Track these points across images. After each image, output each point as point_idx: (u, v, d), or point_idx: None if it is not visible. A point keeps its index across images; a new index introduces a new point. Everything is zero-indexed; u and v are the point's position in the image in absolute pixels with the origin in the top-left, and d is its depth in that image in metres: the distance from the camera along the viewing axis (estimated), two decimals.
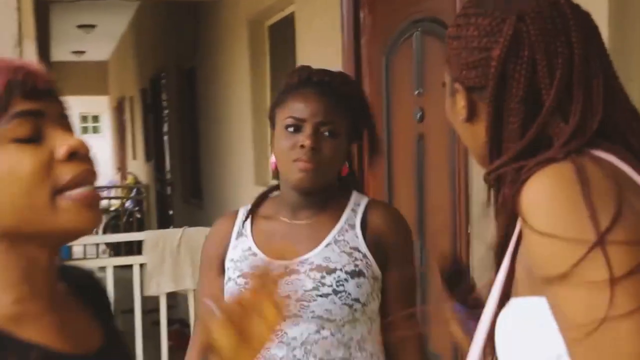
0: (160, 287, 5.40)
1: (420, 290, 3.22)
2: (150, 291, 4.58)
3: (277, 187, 1.95)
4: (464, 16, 1.18)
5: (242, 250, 1.87)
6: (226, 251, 1.90)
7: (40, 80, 1.01)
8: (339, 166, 1.86)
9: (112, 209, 11.52)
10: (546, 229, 1.00)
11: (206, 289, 1.93)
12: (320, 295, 1.76)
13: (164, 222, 9.78)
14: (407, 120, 3.27)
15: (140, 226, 10.15)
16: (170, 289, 4.59)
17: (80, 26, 11.07)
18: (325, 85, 1.85)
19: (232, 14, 5.88)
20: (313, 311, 1.76)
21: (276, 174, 1.95)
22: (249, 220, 1.91)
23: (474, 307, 1.35)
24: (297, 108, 1.82)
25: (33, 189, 0.97)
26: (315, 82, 1.85)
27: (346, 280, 1.77)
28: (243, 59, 5.57)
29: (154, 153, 10.84)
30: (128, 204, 11.37)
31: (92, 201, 1.00)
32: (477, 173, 2.71)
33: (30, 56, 2.53)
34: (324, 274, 1.77)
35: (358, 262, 1.80)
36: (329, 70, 1.91)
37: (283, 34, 5.03)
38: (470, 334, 1.27)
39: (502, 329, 1.12)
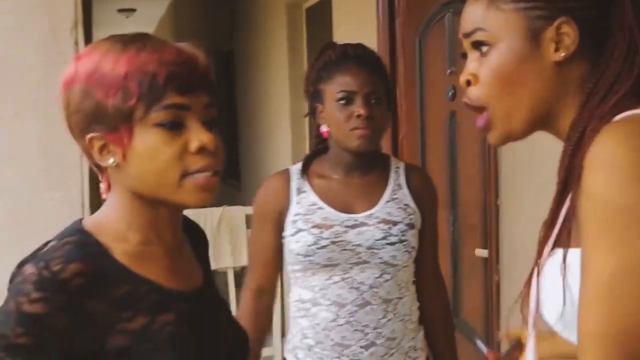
0: (217, 262, 5.52)
1: (452, 260, 3.36)
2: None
3: (321, 150, 2.18)
4: None
5: (308, 205, 2.11)
6: (285, 206, 2.13)
7: (196, 75, 1.19)
8: (387, 128, 2.14)
9: None
10: (608, 189, 0.99)
11: (261, 239, 2.16)
12: (389, 244, 2.07)
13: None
14: (440, 98, 3.38)
15: None
16: (228, 264, 4.71)
17: (120, 10, 11.21)
18: (362, 58, 2.08)
19: None
20: (381, 257, 2.08)
21: (319, 142, 2.19)
22: (305, 178, 2.14)
23: None
24: (346, 82, 2.06)
25: (165, 171, 1.19)
26: (353, 56, 2.08)
27: (407, 231, 2.10)
28: (281, 42, 5.65)
29: None
30: None
31: (209, 186, 1.20)
32: (506, 148, 2.83)
33: (79, 41, 2.68)
34: (391, 225, 2.08)
35: (412, 216, 2.13)
36: (357, 44, 2.15)
37: (320, 17, 5.10)
38: None
39: (545, 277, 1.13)
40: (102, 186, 1.26)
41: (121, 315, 1.16)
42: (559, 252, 1.10)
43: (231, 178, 8.32)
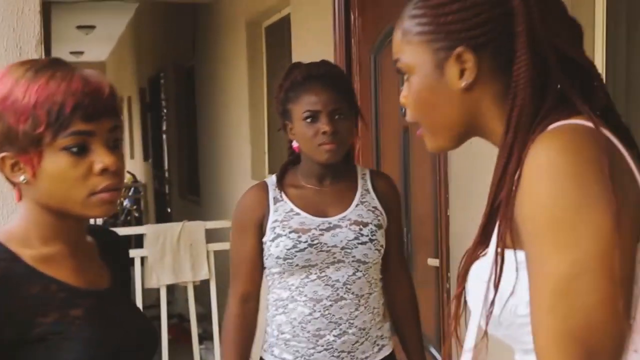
0: (160, 279, 5.55)
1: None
2: (151, 284, 4.69)
3: (294, 162, 2.37)
4: None
5: (285, 212, 2.28)
6: (263, 215, 2.29)
7: (101, 103, 1.32)
8: (351, 139, 2.33)
9: None
10: (553, 192, 1.03)
11: (240, 247, 2.32)
12: (361, 243, 2.26)
13: (162, 220, 9.94)
14: (394, 114, 3.51)
15: (139, 224, 10.32)
16: (171, 281, 4.68)
17: (79, 27, 11.19)
18: (326, 77, 2.26)
19: (230, 16, 6.04)
20: (354, 256, 2.27)
21: (292, 155, 2.38)
22: (281, 188, 2.32)
23: None
24: (311, 101, 2.24)
25: (73, 190, 1.33)
26: (317, 76, 2.26)
27: (376, 231, 2.29)
28: (241, 59, 5.73)
29: (152, 152, 11.02)
30: (126, 202, 11.55)
31: (112, 199, 1.36)
32: (456, 161, 2.96)
33: (35, 55, 2.75)
34: (361, 227, 2.28)
35: (379, 217, 2.33)
36: (320, 63, 2.33)
37: (279, 35, 5.21)
38: None
39: (478, 277, 1.18)
40: (15, 195, 1.39)
41: (37, 311, 1.30)
42: (490, 254, 1.16)
43: (191, 193, 8.36)
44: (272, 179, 2.37)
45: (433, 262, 3.21)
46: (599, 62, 2.33)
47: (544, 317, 1.04)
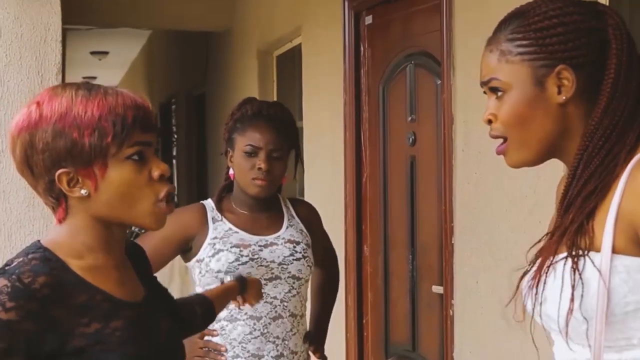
0: None
1: (411, 296, 3.55)
2: None
3: (226, 187, 2.52)
4: (557, 9, 1.37)
5: (224, 230, 2.42)
6: (196, 234, 2.41)
7: (151, 116, 1.43)
8: (282, 178, 2.50)
9: None
10: None
11: (158, 247, 2.33)
12: (295, 259, 2.45)
13: None
14: (401, 143, 3.60)
15: None
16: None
17: (93, 53, 11.32)
18: (274, 118, 2.43)
19: (242, 44, 6.16)
20: (290, 272, 2.44)
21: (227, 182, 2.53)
22: (219, 211, 2.46)
23: None
24: (255, 137, 2.41)
25: (140, 197, 1.41)
26: (265, 115, 2.43)
27: (307, 249, 2.49)
28: (251, 87, 5.80)
29: None
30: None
31: (167, 213, 1.44)
32: (460, 190, 3.04)
33: (55, 82, 2.86)
34: (295, 245, 2.47)
35: (307, 238, 2.53)
36: (272, 103, 2.55)
37: (290, 64, 5.32)
38: None
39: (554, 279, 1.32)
40: (57, 215, 1.43)
41: (80, 321, 1.36)
42: (596, 255, 1.29)
43: None
44: (209, 202, 2.50)
45: (437, 289, 3.28)
46: None
47: None
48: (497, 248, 2.86)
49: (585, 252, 1.31)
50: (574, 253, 1.31)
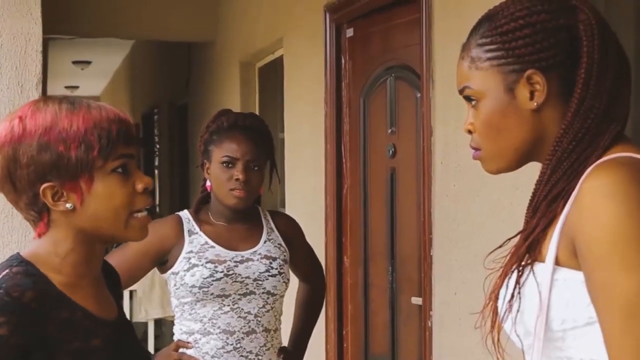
0: (148, 313, 5.57)
1: (390, 308, 3.56)
2: (139, 317, 4.71)
3: (203, 199, 2.51)
4: (523, 9, 1.29)
5: (200, 245, 2.41)
6: (172, 247, 2.41)
7: (132, 129, 1.44)
8: (260, 189, 2.50)
9: None
10: (617, 218, 1.14)
11: (134, 260, 2.37)
12: (271, 275, 2.44)
13: None
14: (381, 155, 3.62)
15: None
16: (159, 315, 4.70)
17: (75, 62, 11.29)
18: (250, 129, 2.44)
19: (224, 55, 6.17)
20: (264, 288, 2.43)
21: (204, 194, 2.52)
22: (195, 223, 2.45)
23: None
24: (232, 148, 2.41)
25: (121, 209, 1.41)
26: (241, 126, 2.43)
27: (283, 265, 2.48)
28: (234, 98, 5.82)
29: None
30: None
31: (147, 223, 1.45)
32: (439, 202, 3.06)
33: (36, 93, 2.85)
34: (271, 261, 2.45)
35: (285, 253, 2.52)
36: (248, 114, 2.56)
37: (272, 75, 5.33)
38: None
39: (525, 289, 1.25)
40: (37, 229, 1.42)
41: (63, 338, 1.36)
42: (540, 266, 1.24)
43: None
44: (185, 214, 2.50)
45: (416, 300, 3.30)
46: None
47: (617, 338, 1.12)
48: (475, 260, 2.88)
49: (530, 263, 1.26)
50: (523, 263, 1.26)
